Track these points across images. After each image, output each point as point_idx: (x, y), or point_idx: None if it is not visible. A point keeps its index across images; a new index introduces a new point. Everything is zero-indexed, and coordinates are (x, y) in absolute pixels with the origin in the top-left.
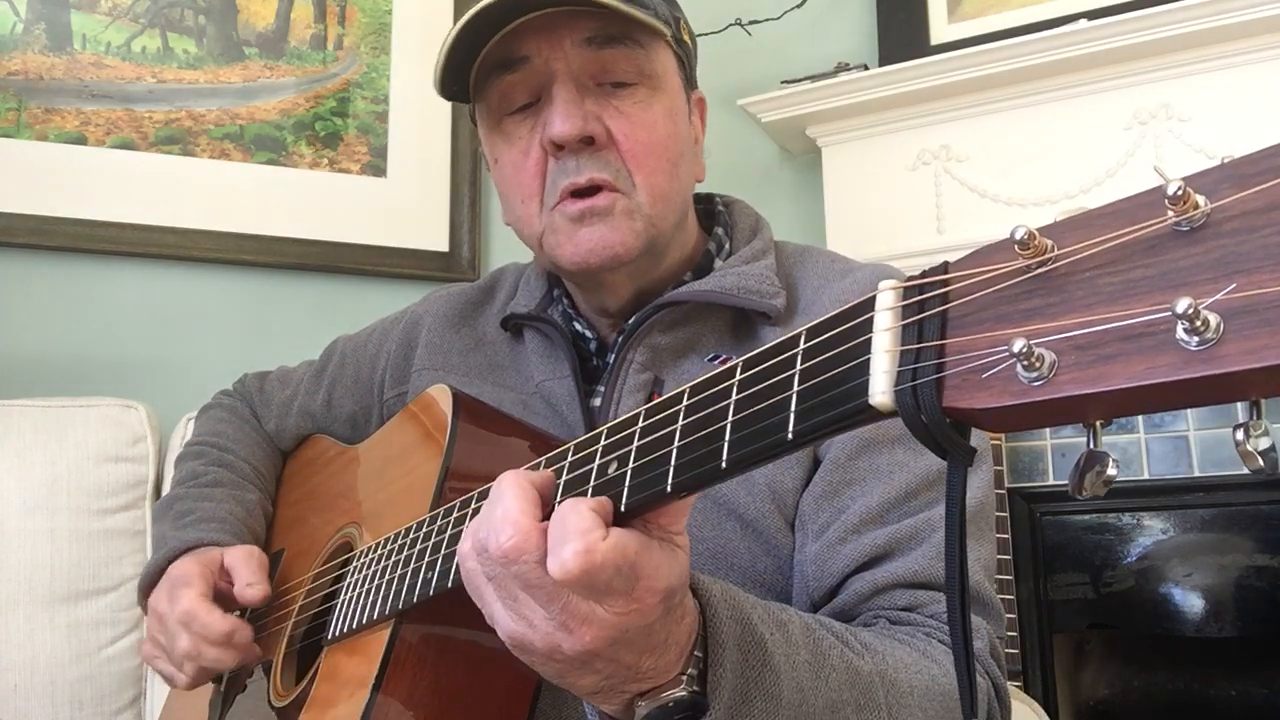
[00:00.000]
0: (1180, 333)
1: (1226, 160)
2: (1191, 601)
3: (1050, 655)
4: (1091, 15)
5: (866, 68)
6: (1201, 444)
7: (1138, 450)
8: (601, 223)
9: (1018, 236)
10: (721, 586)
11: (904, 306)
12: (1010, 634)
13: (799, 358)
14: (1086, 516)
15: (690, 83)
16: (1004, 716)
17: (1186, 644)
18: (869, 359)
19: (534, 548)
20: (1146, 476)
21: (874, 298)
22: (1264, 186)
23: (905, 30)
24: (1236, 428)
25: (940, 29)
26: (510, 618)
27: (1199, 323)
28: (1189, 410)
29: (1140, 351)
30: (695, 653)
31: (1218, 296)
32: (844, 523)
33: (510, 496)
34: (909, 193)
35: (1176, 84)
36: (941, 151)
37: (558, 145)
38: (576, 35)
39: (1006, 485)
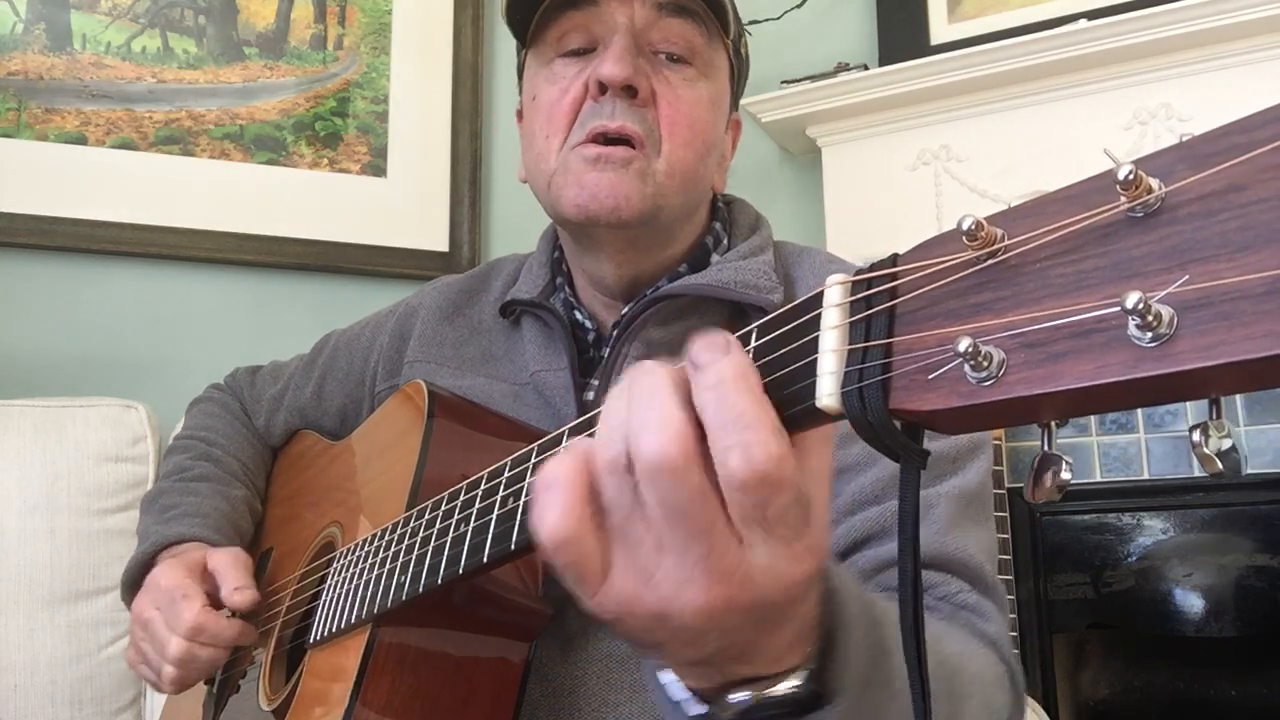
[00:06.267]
0: (1132, 328)
1: (1185, 138)
2: (1191, 601)
3: (1050, 655)
4: (1091, 15)
5: (866, 68)
6: None
7: (1138, 450)
8: (613, 172)
9: (965, 226)
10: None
11: (852, 303)
12: (1010, 634)
13: (750, 355)
14: (1086, 516)
15: (734, 100)
16: (1019, 705)
17: (1186, 644)
18: (816, 359)
19: (696, 454)
20: (1146, 476)
21: (822, 293)
22: (1223, 167)
23: (905, 30)
24: (1193, 429)
25: (940, 29)
26: (622, 569)
27: (1151, 318)
28: (1188, 410)
29: (1090, 349)
30: (807, 648)
31: (1170, 289)
32: (838, 506)
33: (663, 392)
34: (909, 193)
35: (1176, 84)
36: (941, 151)
37: (603, 87)
38: None
39: (1006, 485)
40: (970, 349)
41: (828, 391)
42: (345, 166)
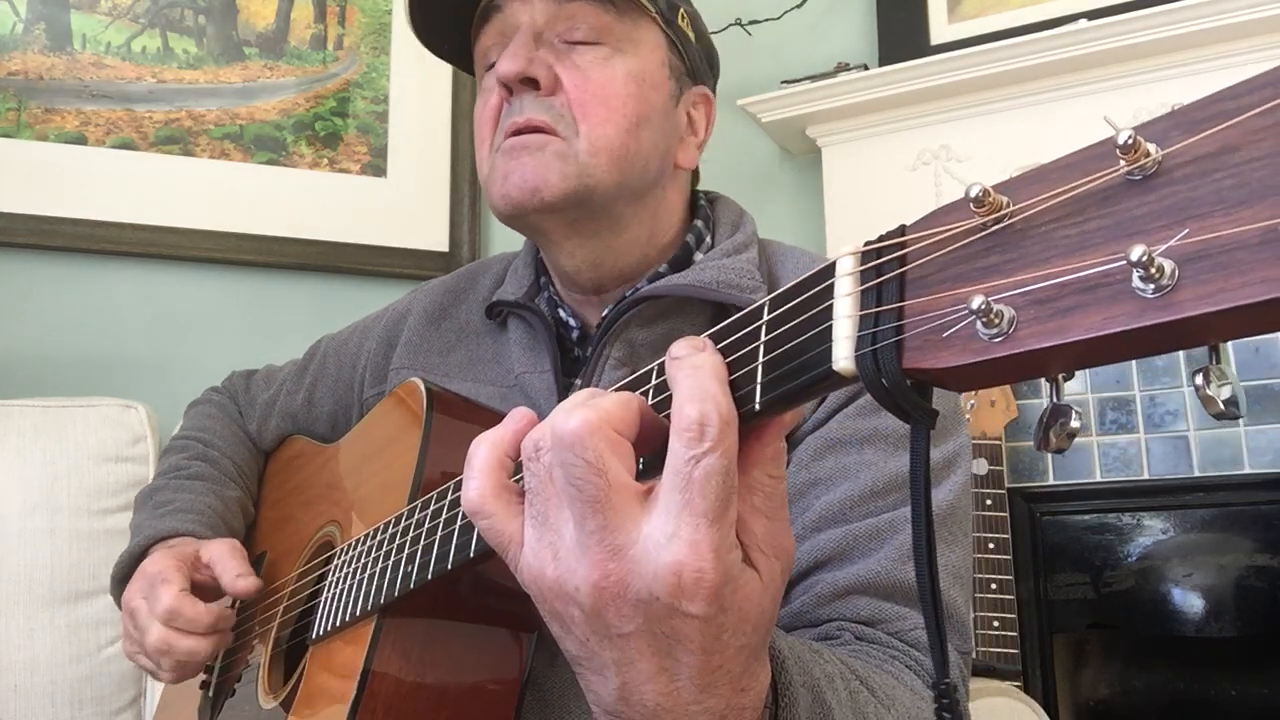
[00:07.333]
0: (1136, 281)
1: (1175, 107)
2: (1191, 601)
3: (1050, 655)
4: (1091, 15)
5: (866, 68)
6: (1201, 444)
7: (1138, 450)
8: (530, 157)
9: (972, 194)
10: (788, 642)
11: (862, 271)
12: (1010, 634)
13: (763, 329)
14: (1086, 516)
15: (692, 74)
16: None
17: (1186, 644)
18: (831, 325)
19: (599, 429)
20: (1146, 476)
21: (834, 264)
22: (1214, 130)
23: (905, 30)
24: (1196, 373)
25: (940, 29)
26: (533, 541)
27: (1154, 270)
28: (1189, 410)
29: (1098, 302)
30: None
31: (1171, 243)
32: (805, 522)
33: (586, 394)
34: (909, 193)
35: (1176, 84)
36: (941, 151)
37: (505, 86)
38: None
39: (1006, 485)
40: (983, 306)
41: (843, 355)
42: (345, 166)
